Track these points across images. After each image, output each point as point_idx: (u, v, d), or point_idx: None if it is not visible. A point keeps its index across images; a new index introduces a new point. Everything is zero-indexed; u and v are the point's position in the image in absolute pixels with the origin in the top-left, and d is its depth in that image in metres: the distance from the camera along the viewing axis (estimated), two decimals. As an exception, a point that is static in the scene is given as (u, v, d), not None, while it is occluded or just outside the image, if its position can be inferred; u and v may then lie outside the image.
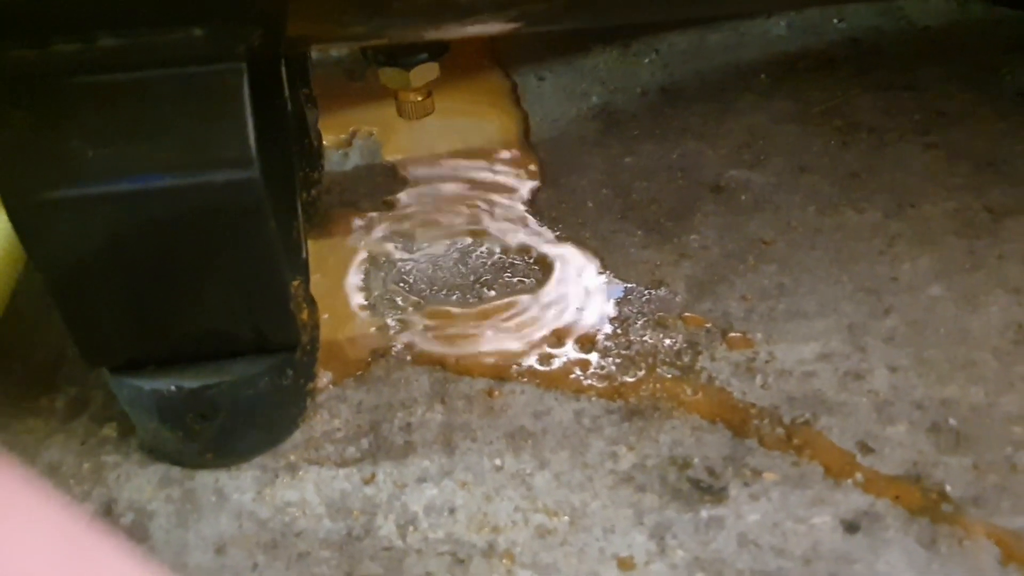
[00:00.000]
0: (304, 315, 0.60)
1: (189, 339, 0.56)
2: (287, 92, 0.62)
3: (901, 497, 0.55)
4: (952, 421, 0.59)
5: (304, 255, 0.63)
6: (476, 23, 0.53)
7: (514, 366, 0.65)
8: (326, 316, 0.69)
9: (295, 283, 0.58)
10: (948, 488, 0.56)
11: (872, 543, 0.53)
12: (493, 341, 0.68)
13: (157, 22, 0.44)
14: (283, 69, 0.61)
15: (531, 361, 0.66)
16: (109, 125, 0.48)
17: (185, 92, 0.48)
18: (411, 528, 0.56)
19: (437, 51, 0.66)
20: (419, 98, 0.66)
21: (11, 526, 0.14)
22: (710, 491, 0.57)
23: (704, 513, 0.56)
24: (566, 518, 0.56)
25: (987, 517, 0.54)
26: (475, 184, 0.83)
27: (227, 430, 0.58)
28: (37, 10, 0.42)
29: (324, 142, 0.82)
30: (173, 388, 0.56)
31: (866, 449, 0.58)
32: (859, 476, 0.57)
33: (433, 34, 0.57)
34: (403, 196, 0.82)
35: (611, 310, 0.69)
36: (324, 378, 0.65)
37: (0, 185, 0.48)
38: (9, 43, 0.44)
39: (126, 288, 0.53)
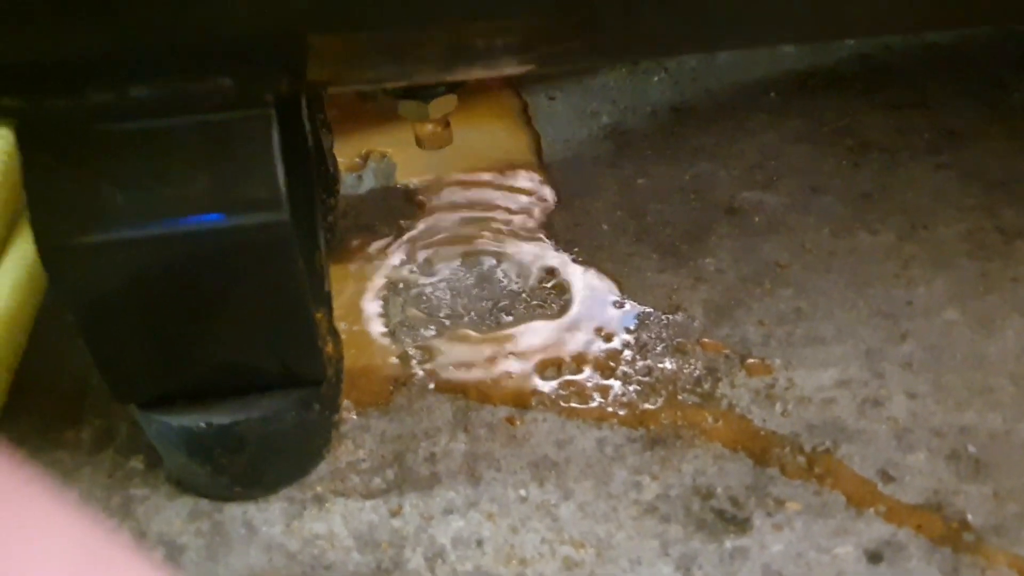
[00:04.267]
0: (329, 348, 0.60)
1: (217, 374, 0.57)
2: (307, 126, 0.63)
3: (923, 526, 0.56)
4: (971, 448, 0.60)
5: (327, 287, 0.64)
6: (492, 68, 0.54)
7: (535, 393, 0.66)
8: (346, 336, 0.70)
9: (318, 315, 0.59)
10: (969, 517, 0.56)
11: (895, 573, 0.54)
12: (513, 368, 0.68)
13: (188, 73, 0.45)
14: (303, 103, 0.62)
15: (551, 388, 0.66)
16: (139, 170, 0.48)
17: (214, 137, 0.48)
18: (439, 561, 0.56)
19: (455, 82, 0.67)
20: (438, 129, 0.66)
21: (28, 534, 0.15)
22: (734, 521, 0.57)
23: (728, 544, 0.56)
24: (592, 550, 0.56)
25: (1008, 546, 0.55)
26: (489, 206, 0.83)
27: (255, 463, 0.59)
28: (72, 62, 0.43)
29: (338, 165, 0.83)
30: (202, 425, 0.56)
31: (887, 478, 0.59)
32: (881, 505, 0.57)
33: (449, 78, 0.58)
34: (418, 219, 0.82)
35: (630, 336, 0.70)
36: (347, 407, 0.66)
37: (32, 230, 0.49)
38: (43, 92, 0.44)
39: (155, 327, 0.54)
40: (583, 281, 0.75)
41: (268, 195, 0.49)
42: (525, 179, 0.86)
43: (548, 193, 0.84)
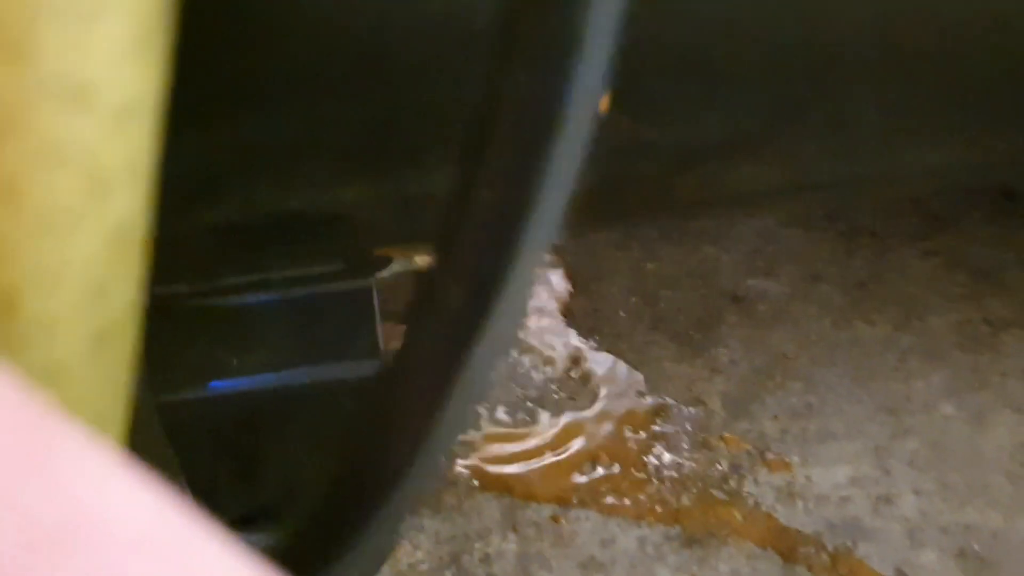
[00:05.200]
0: (393, 461, 0.65)
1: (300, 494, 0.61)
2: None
3: (939, 626, 0.63)
4: (976, 547, 0.67)
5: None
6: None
7: (575, 490, 0.71)
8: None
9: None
10: (979, 616, 0.63)
11: (919, 672, 0.61)
12: (552, 463, 0.73)
13: (309, 261, 0.49)
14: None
15: (590, 483, 0.72)
16: (254, 337, 0.52)
17: (324, 305, 0.52)
18: (507, 666, 0.61)
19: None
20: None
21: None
22: (771, 622, 0.63)
23: (768, 645, 0.62)
24: (647, 653, 0.62)
25: (1016, 645, 0.62)
26: (510, 291, 0.88)
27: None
28: (214, 260, 0.47)
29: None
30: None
31: (903, 577, 0.65)
32: (901, 605, 0.64)
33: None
34: (444, 305, 0.87)
35: (658, 428, 0.75)
36: (401, 507, 0.70)
37: (150, 385, 0.52)
38: (179, 283, 0.48)
39: (249, 458, 0.58)
40: (607, 371, 0.80)
41: (370, 349, 0.54)
42: (541, 262, 0.91)
43: (563, 276, 0.89)
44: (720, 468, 0.72)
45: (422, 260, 0.90)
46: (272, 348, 0.53)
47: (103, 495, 0.13)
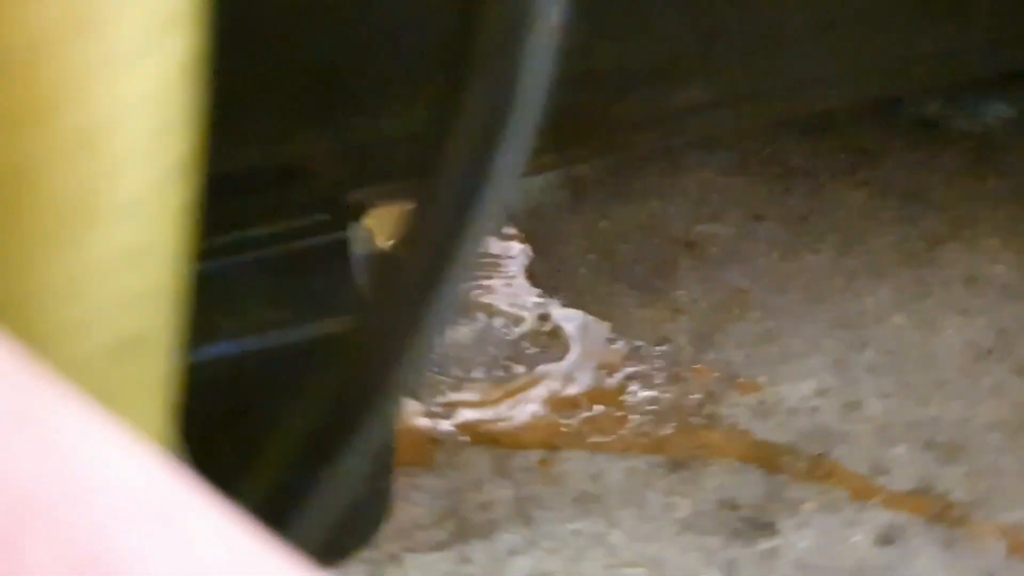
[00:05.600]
0: (384, 420, 0.67)
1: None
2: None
3: (917, 509, 0.66)
4: (941, 437, 0.71)
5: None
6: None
7: (560, 434, 0.74)
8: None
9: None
10: (952, 496, 0.67)
11: (904, 552, 0.64)
12: (535, 412, 0.76)
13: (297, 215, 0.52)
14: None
15: (573, 426, 0.74)
16: (241, 297, 0.54)
17: (303, 260, 0.55)
18: (518, 597, 0.64)
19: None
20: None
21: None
22: (761, 526, 0.67)
23: (762, 546, 0.66)
24: (649, 568, 0.65)
25: (989, 517, 0.66)
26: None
27: (333, 533, 0.65)
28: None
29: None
30: (293, 506, 0.62)
31: (878, 471, 0.69)
32: (879, 496, 0.68)
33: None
34: (409, 282, 0.89)
35: (631, 369, 0.78)
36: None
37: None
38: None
39: (241, 415, 0.60)
40: (575, 323, 0.83)
41: (349, 301, 0.56)
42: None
43: (522, 243, 0.92)
44: (695, 397, 0.76)
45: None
46: (256, 309, 0.55)
47: (97, 459, 0.13)
